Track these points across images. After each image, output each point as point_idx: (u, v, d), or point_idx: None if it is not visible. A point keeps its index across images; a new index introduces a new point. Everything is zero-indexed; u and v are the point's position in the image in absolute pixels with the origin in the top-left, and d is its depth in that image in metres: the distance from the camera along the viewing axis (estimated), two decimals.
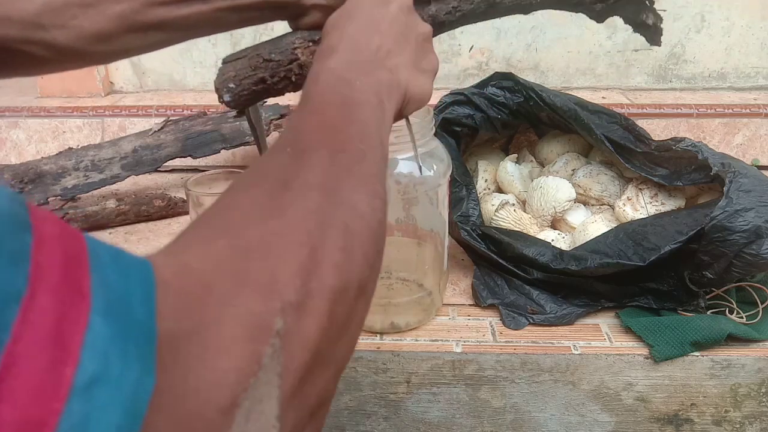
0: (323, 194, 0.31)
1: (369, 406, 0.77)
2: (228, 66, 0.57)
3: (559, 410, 0.77)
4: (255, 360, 0.23)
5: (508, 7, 0.62)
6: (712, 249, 0.72)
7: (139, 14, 0.51)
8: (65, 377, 0.18)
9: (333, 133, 0.36)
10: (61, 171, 1.06)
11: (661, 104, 1.23)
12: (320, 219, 0.30)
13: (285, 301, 0.25)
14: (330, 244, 0.29)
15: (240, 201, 0.31)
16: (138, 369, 0.21)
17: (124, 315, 0.21)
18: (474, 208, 0.87)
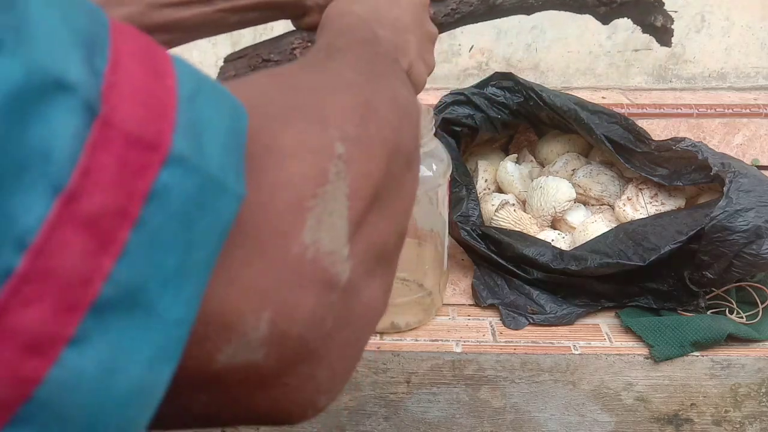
0: (365, 66, 0.31)
1: (369, 406, 0.77)
2: (228, 65, 0.58)
3: (559, 410, 0.77)
4: (321, 172, 0.23)
5: (508, 8, 0.62)
6: (712, 249, 0.72)
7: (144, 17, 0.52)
8: (170, 86, 0.18)
9: (363, 43, 0.35)
10: None
11: (661, 104, 1.23)
12: (367, 80, 0.29)
13: (343, 133, 0.25)
14: (380, 103, 0.28)
15: (277, 70, 0.30)
16: (228, 102, 0.21)
17: None
18: (474, 208, 0.87)
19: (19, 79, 0.14)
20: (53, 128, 0.15)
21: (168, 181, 0.17)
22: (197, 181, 0.18)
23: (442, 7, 0.59)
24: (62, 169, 0.15)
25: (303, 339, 0.22)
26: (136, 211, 0.16)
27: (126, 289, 0.16)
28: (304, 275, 0.22)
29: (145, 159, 0.17)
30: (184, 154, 0.17)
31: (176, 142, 0.17)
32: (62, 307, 0.15)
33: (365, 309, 0.26)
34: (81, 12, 0.17)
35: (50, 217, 0.15)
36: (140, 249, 0.16)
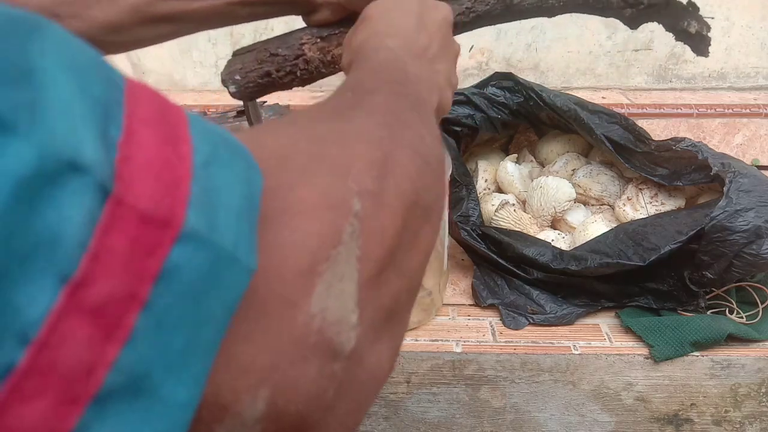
0: (390, 116, 0.30)
1: None
2: (236, 59, 0.58)
3: (559, 410, 0.77)
4: (335, 231, 0.22)
5: (526, 9, 0.59)
6: (712, 249, 0.72)
7: (151, 6, 0.52)
8: (184, 153, 0.18)
9: (394, 84, 0.35)
10: None
11: (661, 104, 1.23)
12: (390, 133, 0.28)
13: (362, 187, 0.24)
14: (401, 155, 0.28)
15: (304, 116, 0.29)
16: (243, 163, 0.20)
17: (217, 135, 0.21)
18: (474, 208, 0.87)
19: (32, 163, 0.14)
20: (64, 213, 0.14)
21: (179, 259, 0.16)
22: (209, 257, 0.17)
23: (456, 5, 0.57)
24: (71, 256, 0.14)
25: (302, 414, 0.21)
26: (144, 294, 0.16)
27: (130, 376, 0.15)
28: (308, 347, 0.20)
29: (157, 237, 0.16)
30: (197, 229, 0.17)
31: (189, 216, 0.17)
32: (64, 401, 0.14)
33: (370, 375, 0.24)
34: (98, 77, 0.17)
35: (56, 308, 0.14)
36: (147, 333, 0.16)
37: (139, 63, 1.37)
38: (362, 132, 0.28)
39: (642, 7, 0.59)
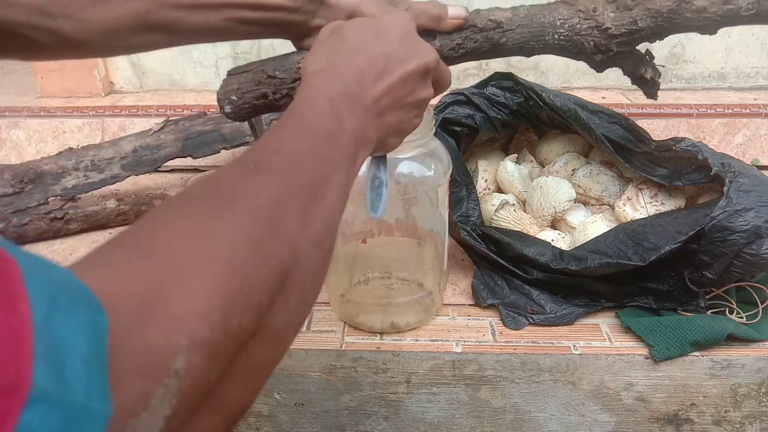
0: (268, 226, 0.30)
1: (369, 406, 0.77)
2: (232, 78, 0.58)
3: (559, 410, 0.77)
4: (142, 400, 0.21)
5: (510, 49, 0.63)
6: (712, 249, 0.72)
7: (150, 14, 0.51)
8: (23, 312, 0.17)
9: (301, 165, 0.35)
10: (61, 171, 1.06)
11: (661, 104, 1.23)
12: (257, 251, 0.28)
13: (194, 338, 0.23)
14: (259, 281, 0.27)
15: (178, 214, 0.29)
16: (85, 307, 0.20)
17: None
18: (474, 208, 0.87)
19: None
20: None
21: (31, 423, 0.16)
22: (61, 415, 0.17)
23: (447, 41, 0.60)
24: None
25: None
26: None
27: None
28: None
29: (6, 405, 0.16)
30: (46, 389, 0.17)
31: (36, 376, 0.16)
32: None
33: None
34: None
35: None
36: None
37: (139, 63, 1.37)
38: (222, 255, 0.26)
39: (611, 54, 0.65)
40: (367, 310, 0.78)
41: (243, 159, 0.34)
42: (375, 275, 0.81)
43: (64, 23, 0.49)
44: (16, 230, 0.98)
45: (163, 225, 0.28)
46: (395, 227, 0.78)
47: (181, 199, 0.31)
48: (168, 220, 0.28)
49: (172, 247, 0.26)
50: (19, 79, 1.45)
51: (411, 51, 0.47)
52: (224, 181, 0.32)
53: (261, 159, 0.34)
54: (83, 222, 1.03)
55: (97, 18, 0.50)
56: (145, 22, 0.51)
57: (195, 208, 0.29)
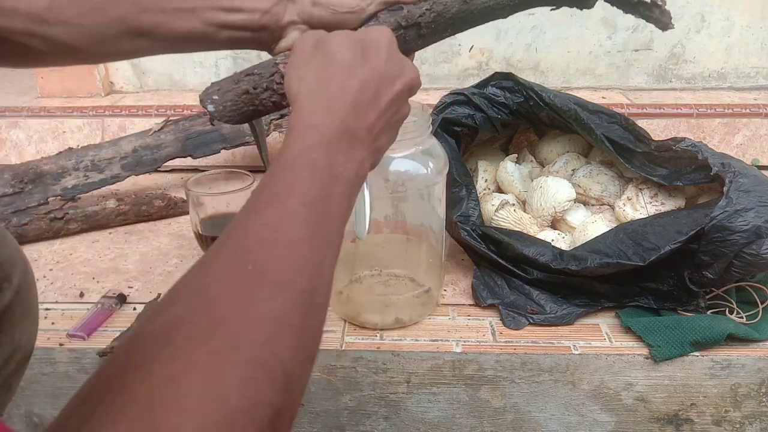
0: (266, 370, 0.29)
1: (369, 406, 0.77)
2: (213, 84, 0.59)
3: (559, 410, 0.77)
4: None
5: (484, 8, 0.58)
6: (712, 249, 0.72)
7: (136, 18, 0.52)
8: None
9: (300, 263, 0.34)
10: (61, 171, 1.06)
11: (661, 104, 1.23)
12: (255, 409, 0.28)
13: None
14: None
15: (183, 376, 0.28)
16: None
17: None
18: (474, 208, 0.87)
19: None
20: None
21: None
22: None
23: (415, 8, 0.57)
24: None
25: None
26: None
27: None
28: None
29: None
30: None
31: None
32: None
33: None
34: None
35: None
36: None
37: (139, 63, 1.37)
38: (225, 416, 0.27)
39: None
40: (368, 308, 0.78)
41: (240, 251, 0.34)
42: (366, 273, 0.81)
43: (60, 30, 0.50)
44: (16, 230, 0.98)
45: (170, 389, 0.27)
46: (383, 224, 0.78)
47: (184, 335, 0.29)
48: (174, 380, 0.28)
49: (178, 424, 0.26)
50: (19, 79, 1.45)
51: (398, 70, 0.47)
52: (222, 298, 0.31)
53: (258, 259, 0.33)
54: (83, 222, 1.03)
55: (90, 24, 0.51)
56: (131, 27, 0.52)
57: (199, 360, 0.28)
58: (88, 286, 0.89)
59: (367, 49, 0.46)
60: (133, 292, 0.87)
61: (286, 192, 0.37)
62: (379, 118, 0.44)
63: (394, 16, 0.57)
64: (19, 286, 0.57)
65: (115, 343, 0.75)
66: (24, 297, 0.58)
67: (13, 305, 0.56)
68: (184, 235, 1.02)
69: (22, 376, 0.60)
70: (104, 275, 0.91)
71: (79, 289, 0.88)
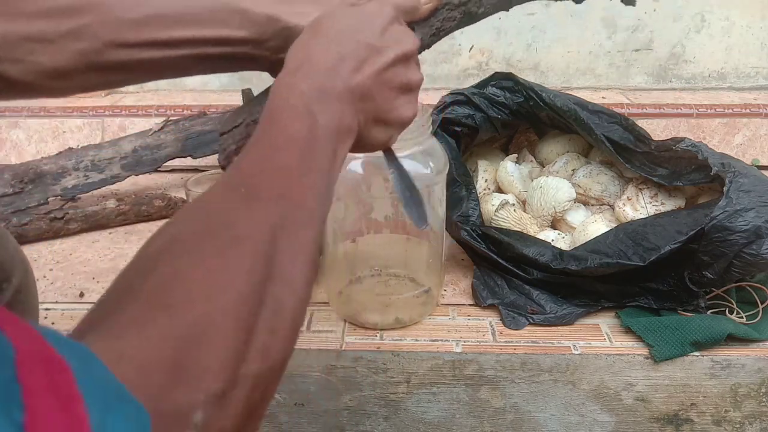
0: (267, 267, 0.32)
1: (369, 406, 0.77)
2: (227, 138, 0.56)
3: (559, 410, 0.77)
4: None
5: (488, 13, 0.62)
6: (712, 249, 0.72)
7: (100, 55, 0.49)
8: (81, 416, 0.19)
9: (290, 184, 0.36)
10: (61, 171, 1.06)
11: (661, 104, 1.23)
12: (261, 297, 0.31)
13: (209, 393, 0.26)
14: (261, 325, 0.30)
15: (188, 261, 0.31)
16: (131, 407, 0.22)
17: None
18: (474, 208, 0.87)
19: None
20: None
21: None
22: None
23: (426, 28, 0.59)
24: None
25: None
26: None
27: None
28: None
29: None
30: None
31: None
32: None
33: None
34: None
35: None
36: None
37: None
38: (231, 312, 0.29)
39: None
40: (368, 308, 0.78)
41: (233, 182, 0.36)
42: (366, 273, 0.81)
43: (10, 67, 0.47)
44: (16, 230, 0.98)
45: (176, 275, 0.30)
46: (384, 224, 0.78)
47: (185, 238, 0.32)
48: (179, 268, 0.30)
49: (187, 302, 0.28)
50: None
51: (391, 40, 0.45)
52: (221, 213, 0.34)
53: (251, 182, 0.36)
54: (83, 222, 1.03)
55: (45, 60, 0.48)
56: (96, 63, 0.49)
57: (202, 253, 0.31)
58: (88, 286, 0.89)
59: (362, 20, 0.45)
60: None
61: (268, 130, 0.39)
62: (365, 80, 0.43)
63: None
64: (20, 286, 0.57)
65: None
66: (24, 297, 0.58)
67: (13, 306, 0.56)
68: None
69: None
70: (104, 275, 0.91)
71: (79, 289, 0.88)
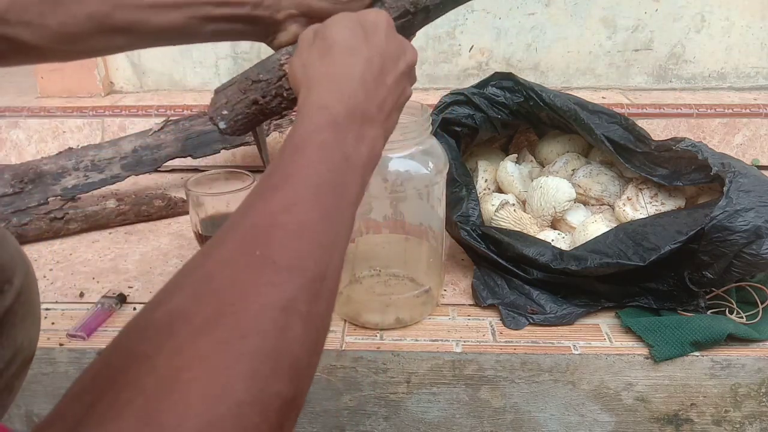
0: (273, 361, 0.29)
1: (369, 406, 0.77)
2: (219, 95, 0.56)
3: (559, 410, 0.77)
4: None
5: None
6: (712, 249, 0.72)
7: (108, 17, 0.49)
8: None
9: (310, 250, 0.33)
10: (61, 171, 1.06)
11: (661, 104, 1.23)
12: (264, 402, 0.28)
13: None
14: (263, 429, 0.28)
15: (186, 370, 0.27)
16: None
17: None
18: (474, 208, 0.87)
19: None
20: None
21: None
22: None
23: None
24: None
25: None
26: None
27: None
28: None
29: None
30: None
31: None
32: None
33: None
34: None
35: None
36: None
37: (139, 63, 1.37)
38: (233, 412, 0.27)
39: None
40: (368, 308, 0.78)
41: (247, 237, 0.32)
42: (366, 273, 0.81)
43: (22, 31, 0.48)
44: (16, 230, 0.98)
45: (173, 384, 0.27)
46: (383, 224, 0.78)
47: (188, 319, 0.29)
48: (177, 375, 0.27)
49: (183, 420, 0.26)
50: (19, 79, 1.45)
51: (399, 49, 0.46)
52: (228, 286, 0.30)
53: (266, 240, 0.32)
54: (83, 222, 1.03)
55: (55, 24, 0.49)
56: (104, 25, 0.50)
57: (204, 351, 0.28)
58: (88, 286, 0.89)
59: (368, 30, 0.45)
60: (133, 292, 0.87)
61: (294, 174, 0.35)
62: (388, 95, 0.43)
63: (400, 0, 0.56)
64: (21, 287, 0.57)
65: None
66: (25, 299, 0.58)
67: (15, 307, 0.56)
68: (184, 235, 1.02)
69: (24, 378, 0.60)
70: (104, 275, 0.91)
71: (79, 289, 0.88)
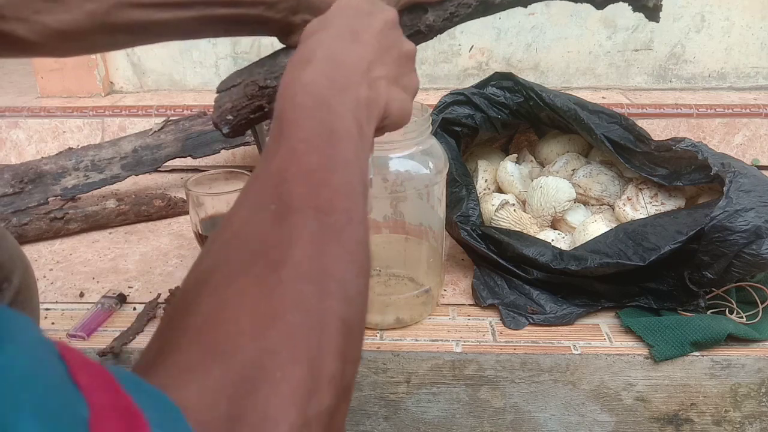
0: (315, 282, 0.29)
1: (369, 406, 0.77)
2: (224, 96, 0.56)
3: (559, 410, 0.77)
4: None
5: (505, 4, 0.60)
6: (712, 249, 0.72)
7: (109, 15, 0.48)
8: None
9: (318, 188, 0.33)
10: (61, 171, 1.06)
11: (661, 104, 1.23)
12: (316, 319, 0.28)
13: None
14: (326, 351, 0.28)
15: (233, 298, 0.28)
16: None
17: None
18: (474, 208, 0.87)
19: None
20: None
21: None
22: None
23: (440, 11, 0.58)
24: None
25: None
26: None
27: None
28: None
29: None
30: None
31: None
32: None
33: None
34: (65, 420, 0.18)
35: None
36: None
37: (139, 63, 1.37)
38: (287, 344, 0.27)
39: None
40: (369, 308, 0.78)
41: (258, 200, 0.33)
42: None
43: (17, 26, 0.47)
44: (16, 230, 0.98)
45: (218, 313, 0.28)
46: (383, 224, 0.78)
47: (222, 271, 0.30)
48: (221, 305, 0.28)
49: (234, 345, 0.26)
50: (19, 79, 1.45)
51: (372, 9, 0.45)
52: (254, 238, 0.31)
53: (278, 193, 0.32)
54: (83, 222, 1.03)
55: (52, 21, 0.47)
56: (105, 23, 0.48)
57: (242, 285, 0.29)
58: (88, 286, 0.89)
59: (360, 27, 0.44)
60: (133, 292, 0.87)
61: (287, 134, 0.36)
62: (364, 51, 0.42)
63: (414, 20, 0.56)
64: (20, 286, 0.57)
65: (115, 343, 0.75)
66: (24, 298, 0.58)
67: (13, 306, 0.56)
68: (184, 235, 1.02)
69: None
70: (104, 275, 0.91)
71: (79, 289, 0.88)
